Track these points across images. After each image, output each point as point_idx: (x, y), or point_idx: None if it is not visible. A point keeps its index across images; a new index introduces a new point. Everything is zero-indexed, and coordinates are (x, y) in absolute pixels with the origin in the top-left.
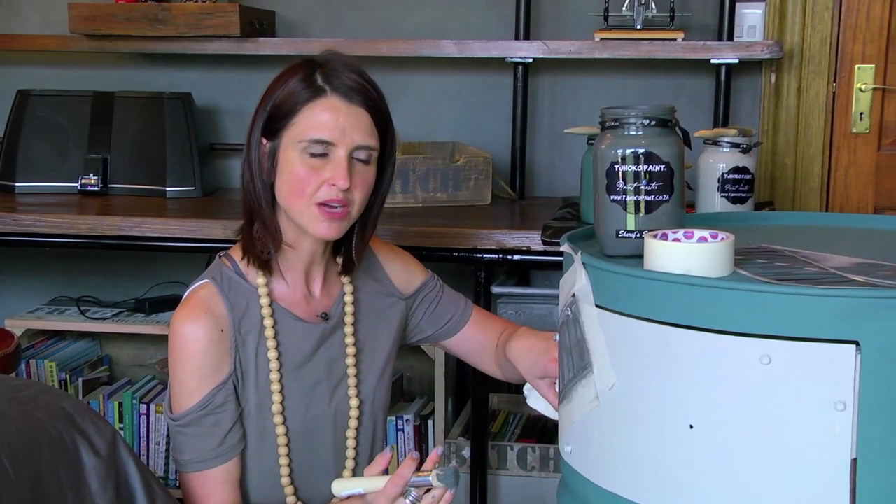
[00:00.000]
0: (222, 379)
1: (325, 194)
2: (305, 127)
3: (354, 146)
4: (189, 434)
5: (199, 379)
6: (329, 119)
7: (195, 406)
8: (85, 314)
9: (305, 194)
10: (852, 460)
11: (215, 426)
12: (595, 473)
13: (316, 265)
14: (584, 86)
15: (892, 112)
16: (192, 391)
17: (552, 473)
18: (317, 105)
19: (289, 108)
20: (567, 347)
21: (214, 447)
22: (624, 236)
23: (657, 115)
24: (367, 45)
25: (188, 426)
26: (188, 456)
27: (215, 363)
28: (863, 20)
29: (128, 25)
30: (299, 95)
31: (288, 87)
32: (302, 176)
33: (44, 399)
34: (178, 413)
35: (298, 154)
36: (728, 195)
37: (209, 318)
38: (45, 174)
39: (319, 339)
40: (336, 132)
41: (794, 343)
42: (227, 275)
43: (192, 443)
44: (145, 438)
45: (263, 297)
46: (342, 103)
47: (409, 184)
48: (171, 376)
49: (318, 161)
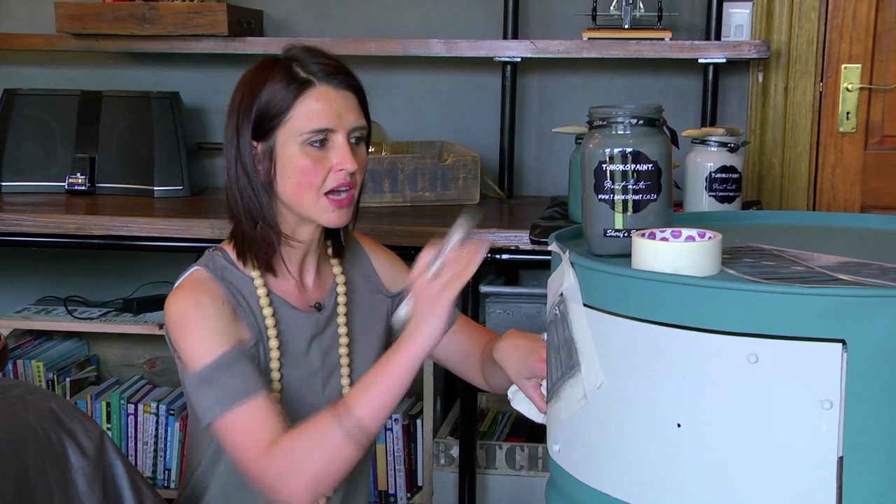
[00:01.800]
0: (242, 340)
1: (333, 181)
2: (302, 120)
3: (351, 128)
4: (219, 378)
5: (212, 336)
6: (324, 107)
7: (219, 357)
8: (72, 314)
9: (314, 185)
10: (839, 458)
11: (247, 369)
12: (583, 472)
13: (310, 255)
14: (572, 85)
15: (878, 111)
16: (207, 347)
17: (541, 472)
18: (309, 96)
19: (279, 107)
20: (555, 346)
21: (251, 382)
22: (612, 235)
23: (645, 114)
24: (355, 45)
25: (212, 375)
26: (222, 394)
27: (226, 324)
28: (849, 20)
29: (115, 24)
30: (287, 92)
31: (269, 88)
32: (307, 168)
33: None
34: (201, 366)
35: (299, 147)
36: (716, 194)
37: (209, 293)
38: (32, 173)
39: (314, 329)
40: (333, 118)
41: (781, 342)
42: (221, 264)
43: (225, 383)
44: (133, 439)
45: (260, 287)
46: (331, 90)
47: (397, 183)
48: (181, 347)
49: (320, 151)
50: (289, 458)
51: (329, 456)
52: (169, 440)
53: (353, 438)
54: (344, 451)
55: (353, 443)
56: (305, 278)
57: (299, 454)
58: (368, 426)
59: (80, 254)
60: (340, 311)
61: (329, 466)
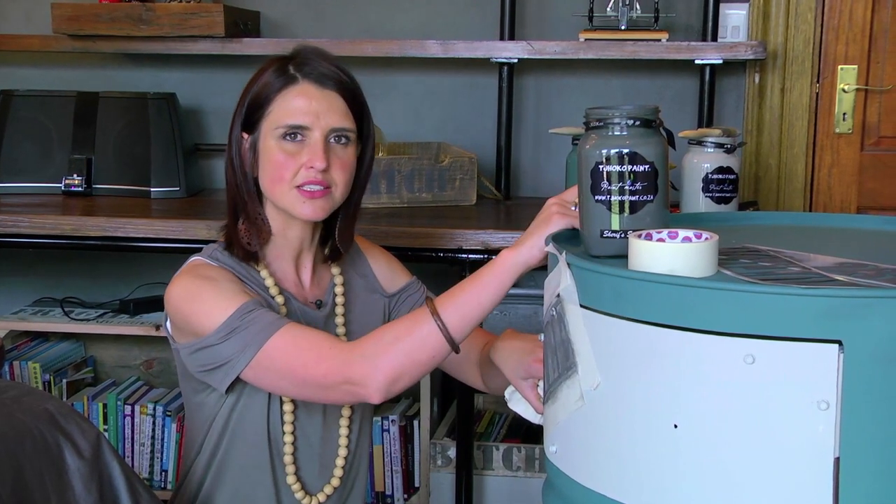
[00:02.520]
0: (260, 301)
1: (303, 177)
2: (280, 114)
3: (329, 129)
4: (245, 323)
5: (229, 294)
6: (302, 104)
7: (241, 307)
8: (69, 315)
9: (285, 179)
10: (835, 459)
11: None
12: (580, 473)
13: (305, 253)
14: (569, 86)
15: (874, 112)
16: (223, 303)
17: (537, 473)
18: (290, 92)
19: (263, 99)
20: (552, 347)
21: (275, 317)
22: (608, 236)
23: (641, 115)
24: (352, 46)
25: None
26: (257, 330)
27: (239, 286)
28: (845, 21)
29: (111, 25)
30: (272, 85)
31: (262, 80)
32: (280, 161)
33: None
34: (221, 322)
35: (275, 141)
36: (712, 195)
37: (214, 269)
38: (28, 175)
39: (318, 325)
40: (310, 116)
41: (778, 343)
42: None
43: (255, 321)
44: (130, 440)
45: (268, 277)
46: (314, 88)
47: (394, 184)
48: (195, 314)
49: (295, 146)
50: (375, 342)
51: (418, 344)
52: (166, 441)
53: (442, 333)
54: (432, 341)
55: (443, 337)
56: (302, 276)
57: (389, 337)
58: (454, 332)
59: (76, 255)
60: (339, 311)
61: (416, 354)
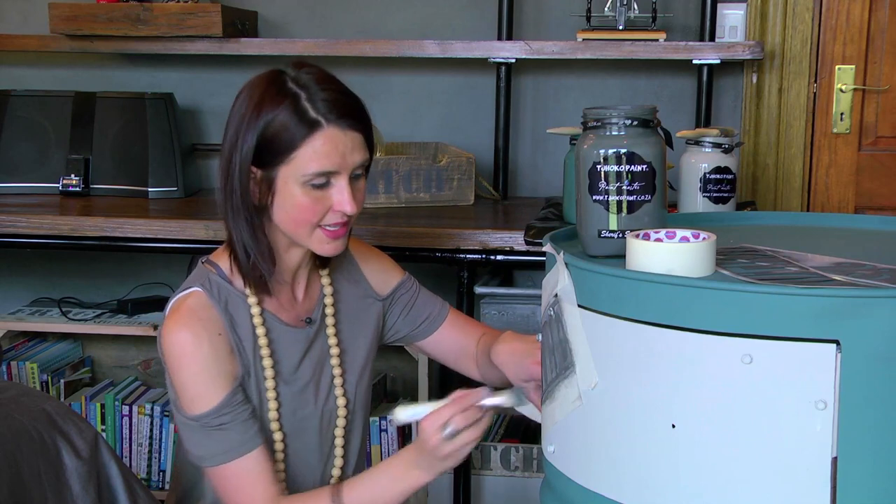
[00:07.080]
0: (236, 377)
1: (330, 219)
2: (306, 161)
3: (353, 167)
4: (213, 431)
5: (209, 380)
6: (329, 150)
7: (216, 407)
8: (66, 315)
9: (311, 223)
10: (833, 459)
11: (239, 421)
12: (578, 473)
13: (302, 269)
14: (567, 86)
15: (872, 112)
16: (204, 393)
17: (535, 473)
18: (315, 139)
19: (285, 146)
20: (550, 347)
21: (246, 434)
22: (606, 236)
23: (639, 115)
24: (349, 46)
25: (209, 426)
26: (214, 450)
27: (222, 363)
28: (843, 21)
29: (109, 25)
30: (294, 131)
31: (277, 120)
32: (306, 206)
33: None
34: (198, 413)
35: (300, 187)
36: (710, 195)
37: (204, 324)
38: (26, 175)
39: (306, 343)
40: (337, 160)
41: (776, 342)
42: (215, 281)
43: (220, 437)
44: (128, 440)
45: (254, 305)
46: (339, 131)
47: (391, 184)
48: (174, 382)
49: (321, 191)
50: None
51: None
52: (163, 441)
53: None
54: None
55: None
56: (296, 291)
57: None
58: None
59: (74, 255)
60: (329, 323)
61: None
